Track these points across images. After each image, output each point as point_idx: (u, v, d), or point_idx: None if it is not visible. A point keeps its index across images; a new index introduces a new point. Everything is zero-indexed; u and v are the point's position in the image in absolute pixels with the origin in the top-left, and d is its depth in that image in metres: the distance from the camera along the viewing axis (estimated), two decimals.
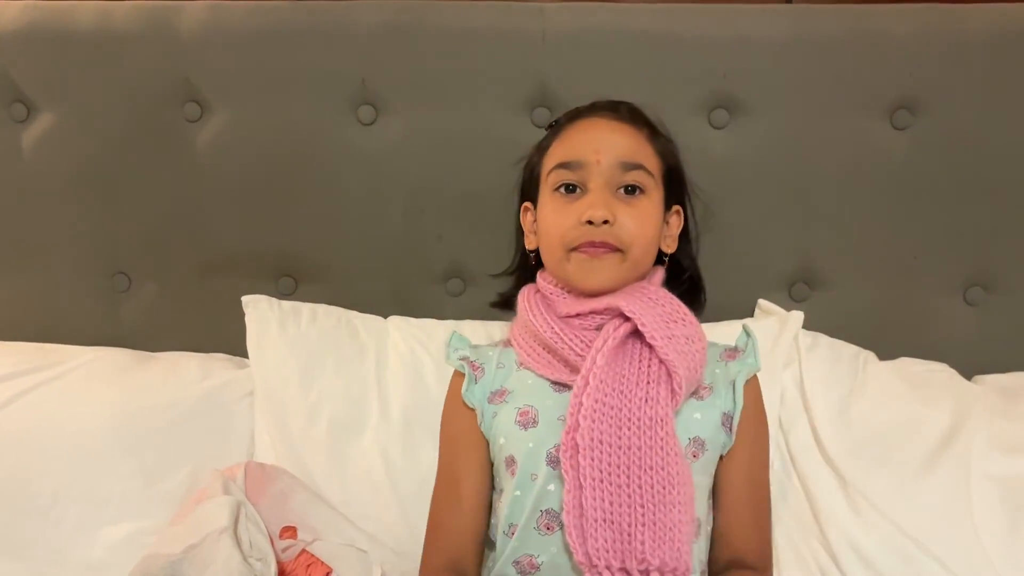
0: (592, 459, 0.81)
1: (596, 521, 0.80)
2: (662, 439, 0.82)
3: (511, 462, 0.89)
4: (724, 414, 0.91)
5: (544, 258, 0.97)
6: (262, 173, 1.23)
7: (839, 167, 1.19)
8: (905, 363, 1.18)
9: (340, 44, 1.19)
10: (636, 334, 0.88)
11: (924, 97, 1.16)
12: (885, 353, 1.19)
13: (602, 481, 0.81)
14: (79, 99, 1.23)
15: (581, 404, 0.84)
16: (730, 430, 0.91)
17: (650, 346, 0.86)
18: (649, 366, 0.86)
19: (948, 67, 1.15)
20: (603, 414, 0.83)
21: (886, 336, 1.21)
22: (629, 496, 0.81)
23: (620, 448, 0.82)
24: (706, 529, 0.92)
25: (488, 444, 0.93)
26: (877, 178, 1.20)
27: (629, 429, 0.82)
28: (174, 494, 1.09)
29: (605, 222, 0.89)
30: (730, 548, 0.90)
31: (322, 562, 0.97)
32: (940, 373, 1.17)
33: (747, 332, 0.99)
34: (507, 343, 1.00)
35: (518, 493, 0.88)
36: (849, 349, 1.16)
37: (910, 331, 1.23)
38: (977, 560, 1.00)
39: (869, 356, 1.17)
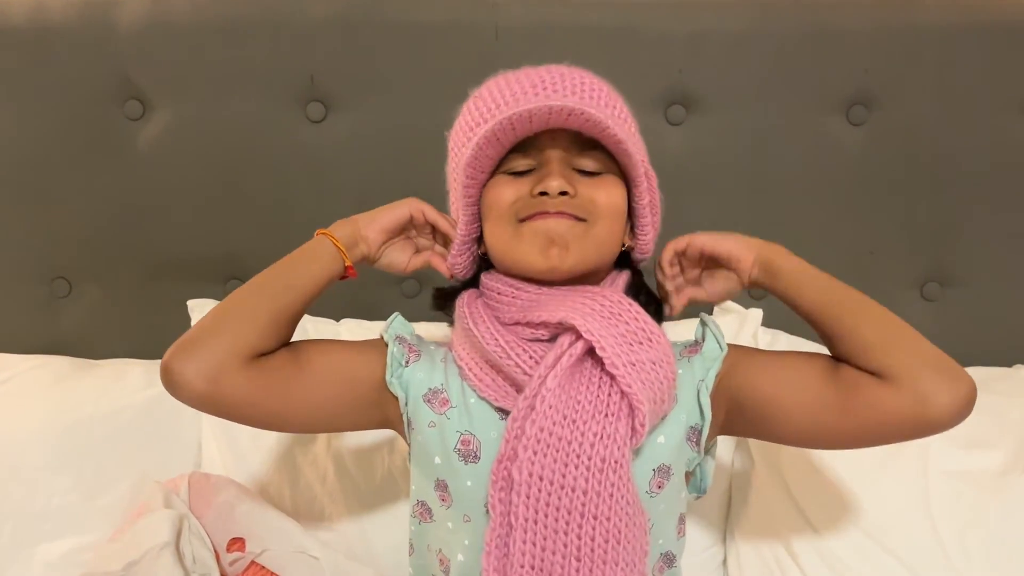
0: (528, 496, 0.70)
1: (523, 567, 0.71)
2: (613, 484, 0.70)
3: (443, 488, 0.79)
4: (691, 428, 0.79)
5: (491, 243, 0.82)
6: (207, 173, 1.20)
7: (795, 163, 1.19)
8: None
9: (288, 39, 1.16)
10: (594, 353, 0.74)
11: (879, 93, 1.17)
12: None
13: (535, 523, 0.70)
14: (13, 97, 1.19)
15: (523, 431, 0.71)
16: (697, 444, 0.79)
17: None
18: (609, 395, 0.72)
19: (903, 62, 1.16)
20: (548, 445, 0.71)
21: None
22: (565, 546, 0.70)
23: (563, 488, 0.70)
24: (681, 561, 0.84)
25: (407, 427, 0.82)
26: (833, 174, 1.20)
27: (576, 468, 0.70)
28: (116, 508, 1.06)
29: (563, 193, 0.75)
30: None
31: (273, 573, 0.94)
32: None
33: (703, 322, 0.85)
34: (450, 346, 0.86)
35: (450, 525, 0.79)
36: (808, 346, 1.16)
37: None
38: (935, 556, 1.01)
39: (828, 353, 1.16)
